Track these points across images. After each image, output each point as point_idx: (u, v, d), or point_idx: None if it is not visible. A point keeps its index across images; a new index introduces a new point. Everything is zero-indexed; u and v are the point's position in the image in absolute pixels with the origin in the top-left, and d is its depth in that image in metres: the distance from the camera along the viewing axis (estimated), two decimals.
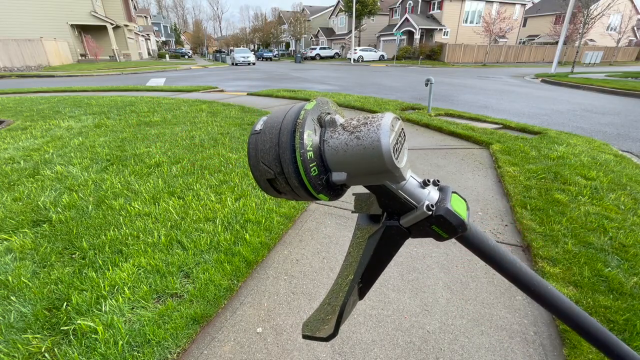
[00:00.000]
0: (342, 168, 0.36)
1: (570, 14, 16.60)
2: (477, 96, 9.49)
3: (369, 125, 0.35)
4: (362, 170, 0.35)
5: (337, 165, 0.36)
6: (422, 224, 0.39)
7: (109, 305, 1.57)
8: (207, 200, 2.58)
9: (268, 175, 0.38)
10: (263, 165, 0.38)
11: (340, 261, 1.98)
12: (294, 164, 0.35)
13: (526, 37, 42.02)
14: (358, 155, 0.34)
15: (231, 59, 31.12)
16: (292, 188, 0.37)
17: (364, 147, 0.34)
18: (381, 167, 0.34)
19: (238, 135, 4.42)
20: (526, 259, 2.01)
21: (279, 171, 0.37)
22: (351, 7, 32.49)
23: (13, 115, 5.89)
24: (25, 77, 16.14)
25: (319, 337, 0.42)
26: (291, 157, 0.35)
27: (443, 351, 1.41)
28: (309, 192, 0.37)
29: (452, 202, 0.39)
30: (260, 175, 0.39)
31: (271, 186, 0.39)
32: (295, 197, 0.39)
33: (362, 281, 0.42)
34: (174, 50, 61.03)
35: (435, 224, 0.38)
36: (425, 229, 0.39)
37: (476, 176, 3.25)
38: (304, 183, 0.36)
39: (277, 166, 0.37)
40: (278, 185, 0.38)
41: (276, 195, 0.41)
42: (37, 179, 3.00)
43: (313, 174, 0.35)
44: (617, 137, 5.27)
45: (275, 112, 0.39)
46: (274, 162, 0.37)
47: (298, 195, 0.38)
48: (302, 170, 0.35)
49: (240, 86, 11.69)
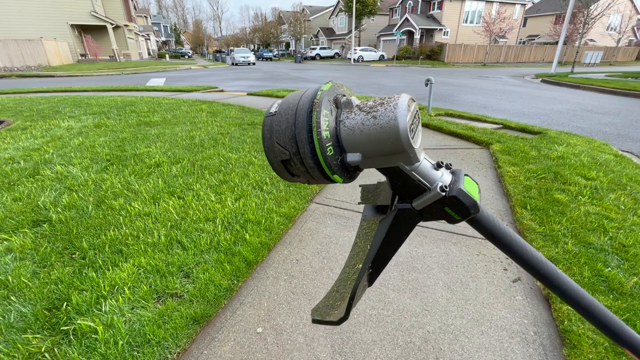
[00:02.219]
0: (358, 149, 0.36)
1: (570, 14, 16.60)
2: (477, 96, 9.49)
3: (385, 105, 0.35)
4: (377, 150, 0.35)
5: (352, 146, 0.36)
6: (434, 206, 0.39)
7: (109, 305, 1.57)
8: (207, 200, 2.58)
9: (283, 156, 0.38)
10: (278, 146, 0.38)
11: (341, 261, 1.98)
12: (310, 144, 0.35)
13: (526, 37, 42.02)
14: (374, 134, 0.34)
15: (231, 59, 31.13)
16: (307, 169, 0.37)
17: (380, 127, 0.34)
18: (397, 147, 0.34)
19: (238, 135, 4.42)
20: None
21: (295, 151, 0.37)
22: (351, 7, 32.48)
23: (13, 115, 5.89)
24: (25, 77, 16.14)
25: (330, 321, 0.42)
26: (308, 136, 0.35)
27: (443, 351, 1.41)
28: (324, 172, 0.37)
29: (464, 184, 0.39)
30: (274, 157, 0.39)
31: (285, 168, 0.40)
32: (309, 178, 0.39)
33: (372, 266, 0.42)
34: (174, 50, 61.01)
35: (448, 206, 0.38)
36: (437, 211, 0.39)
37: (476, 176, 3.25)
38: (319, 163, 0.36)
39: (293, 146, 0.37)
40: (292, 166, 0.39)
41: (289, 178, 0.41)
42: (37, 179, 3.00)
43: (329, 154, 0.36)
44: (617, 137, 5.27)
45: (290, 95, 0.40)
46: (290, 142, 0.37)
47: (312, 177, 0.39)
48: (318, 150, 0.35)
49: (240, 86, 11.69)
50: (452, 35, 35.55)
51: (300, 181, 0.41)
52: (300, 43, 54.23)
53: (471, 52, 32.20)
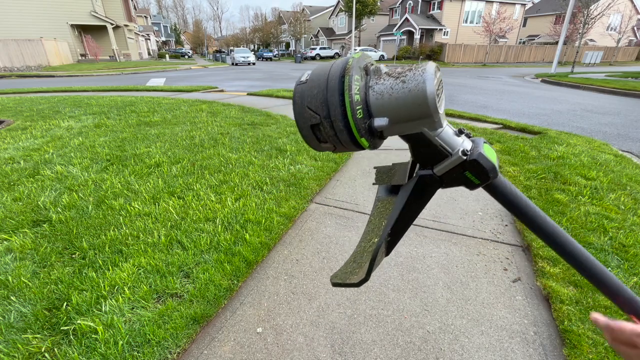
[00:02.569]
0: (385, 113, 0.37)
1: (570, 14, 16.59)
2: (477, 96, 9.49)
3: (414, 70, 0.37)
4: (404, 115, 0.37)
5: (380, 110, 0.37)
6: (455, 171, 0.40)
7: (109, 305, 1.57)
8: (207, 200, 2.58)
9: (313, 120, 0.39)
10: (309, 111, 0.39)
11: (341, 261, 1.98)
12: (341, 106, 0.37)
13: (526, 37, 42.01)
14: (402, 98, 0.36)
15: (231, 59, 31.11)
16: (336, 132, 0.39)
17: (409, 90, 0.36)
18: (423, 111, 0.36)
19: (238, 135, 4.42)
20: (526, 258, 2.01)
21: (325, 114, 0.38)
22: (351, 7, 32.47)
23: (13, 115, 5.89)
24: (25, 77, 16.14)
25: (351, 283, 0.43)
26: (339, 99, 0.37)
27: (443, 351, 1.41)
28: (352, 135, 0.38)
29: (484, 149, 0.40)
30: (304, 122, 0.40)
31: (314, 134, 0.41)
32: (337, 143, 0.40)
33: (391, 234, 0.43)
34: (174, 50, 61.00)
35: (468, 169, 0.39)
36: (457, 176, 0.40)
37: None
38: (349, 125, 0.38)
39: (324, 109, 0.38)
40: (321, 131, 0.40)
41: (317, 145, 0.43)
42: (37, 179, 3.00)
43: (359, 117, 0.37)
44: (617, 137, 5.27)
45: (320, 65, 0.41)
46: (321, 105, 0.38)
47: (339, 142, 0.40)
48: (349, 112, 0.37)
49: (240, 86, 11.69)
50: (452, 35, 35.54)
51: (326, 148, 0.42)
52: (300, 43, 54.22)
53: (471, 52, 32.19)
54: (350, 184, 3.06)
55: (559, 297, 1.62)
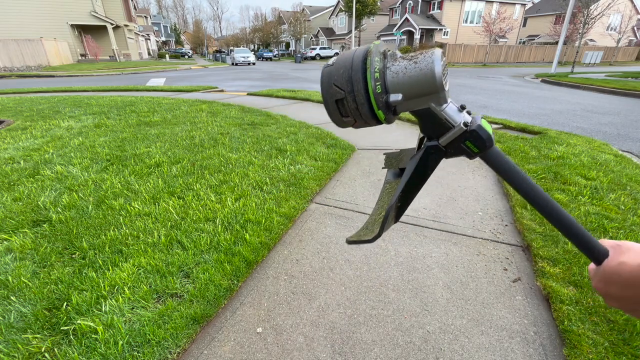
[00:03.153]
0: (399, 90, 0.44)
1: (570, 14, 16.59)
2: (477, 96, 9.49)
3: (424, 54, 0.44)
4: (415, 91, 0.44)
5: (395, 87, 0.44)
6: (457, 141, 0.46)
7: (109, 305, 1.57)
8: (207, 200, 2.58)
9: (338, 95, 0.47)
10: (335, 87, 0.47)
11: (341, 261, 1.98)
12: (364, 81, 0.44)
13: (526, 37, 42.02)
14: (414, 77, 0.43)
15: (231, 59, 31.11)
16: (358, 105, 0.46)
17: (420, 69, 0.43)
18: (431, 88, 0.43)
19: (238, 135, 4.42)
20: (526, 258, 2.01)
21: (349, 90, 0.45)
22: (351, 7, 32.48)
23: (13, 115, 5.89)
24: (25, 77, 16.14)
25: (365, 240, 0.50)
26: (362, 76, 0.44)
27: (443, 351, 1.41)
28: (371, 107, 0.45)
29: (482, 122, 0.46)
30: (330, 97, 0.47)
31: (337, 109, 0.48)
32: (357, 116, 0.47)
33: (400, 200, 0.49)
34: (174, 50, 60.98)
35: (469, 139, 0.46)
36: (459, 146, 0.47)
37: (476, 176, 3.25)
38: (369, 98, 0.45)
39: (349, 85, 0.45)
40: (345, 105, 0.47)
41: (339, 119, 0.49)
42: (37, 179, 3.00)
43: (378, 91, 0.44)
44: (617, 137, 5.27)
45: (344, 52, 0.49)
46: (346, 82, 0.45)
47: (360, 115, 0.47)
48: (370, 87, 0.44)
49: (240, 86, 11.69)
50: (452, 35, 35.56)
51: (347, 122, 0.49)
52: (300, 43, 54.22)
53: (471, 52, 32.19)
54: (350, 184, 3.06)
55: (559, 297, 1.62)
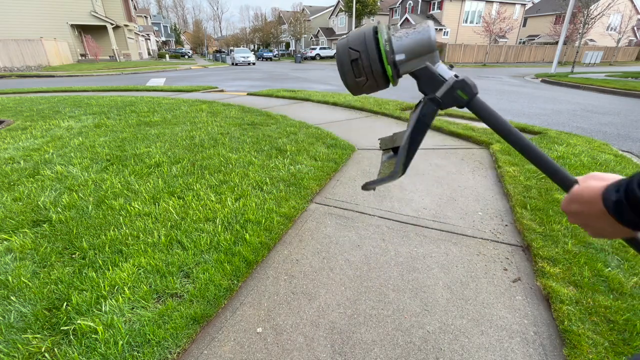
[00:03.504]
0: (402, 50, 0.56)
1: (570, 14, 16.59)
2: None
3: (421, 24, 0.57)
4: (415, 51, 0.56)
5: (399, 48, 0.56)
6: (451, 91, 0.56)
7: (109, 305, 1.57)
8: (207, 200, 2.58)
9: (354, 56, 0.58)
10: (351, 50, 0.58)
11: (341, 261, 1.98)
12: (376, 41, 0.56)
13: (526, 37, 42.01)
14: (414, 39, 0.56)
15: (231, 59, 31.09)
16: (371, 62, 0.57)
17: (418, 32, 0.56)
18: (429, 47, 0.56)
19: (238, 135, 4.42)
20: (526, 258, 2.01)
21: (364, 49, 0.57)
22: (351, 7, 32.48)
23: (13, 115, 5.89)
24: (25, 77, 16.14)
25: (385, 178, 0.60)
26: (374, 37, 0.57)
27: (443, 351, 1.41)
28: (382, 63, 0.57)
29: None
30: (347, 57, 0.58)
31: (352, 69, 0.59)
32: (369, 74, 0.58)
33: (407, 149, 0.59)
34: (174, 50, 60.96)
35: (459, 88, 0.56)
36: (452, 95, 0.56)
37: (476, 176, 3.25)
38: (380, 55, 0.56)
39: (363, 46, 0.57)
40: (359, 64, 0.58)
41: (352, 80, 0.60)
42: (37, 179, 3.00)
43: (387, 49, 0.56)
44: (617, 137, 5.27)
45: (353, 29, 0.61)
46: (361, 44, 0.57)
47: (372, 72, 0.58)
48: (381, 45, 0.56)
49: (240, 86, 11.69)
50: (452, 35, 35.56)
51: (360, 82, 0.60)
52: (300, 43, 54.22)
53: (471, 52, 32.18)
54: (350, 184, 3.06)
55: (559, 297, 1.62)
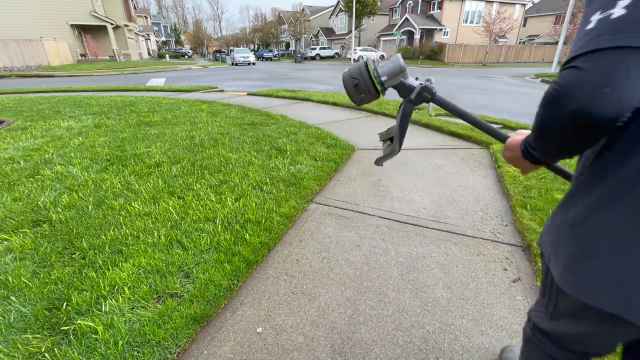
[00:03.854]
0: (385, 74, 0.91)
1: (570, 14, 16.58)
2: (477, 96, 9.49)
3: (393, 56, 0.93)
4: (392, 73, 0.91)
5: (382, 72, 0.91)
6: (419, 94, 0.93)
7: (109, 305, 1.57)
8: (207, 200, 2.58)
9: (355, 82, 0.92)
10: (352, 78, 0.93)
11: (341, 261, 1.98)
12: (367, 72, 0.92)
13: (526, 37, 42.00)
14: (391, 66, 0.92)
15: (231, 59, 31.07)
16: (366, 84, 0.92)
17: (393, 62, 0.92)
18: (400, 70, 0.92)
19: (238, 135, 4.42)
20: (526, 258, 2.01)
21: (360, 77, 0.92)
22: (351, 7, 32.45)
23: (13, 115, 5.89)
24: (25, 77, 16.14)
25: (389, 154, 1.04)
26: (366, 69, 0.92)
27: (443, 351, 1.41)
28: (374, 84, 0.91)
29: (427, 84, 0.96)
30: (350, 84, 0.93)
31: (355, 90, 0.94)
32: (366, 91, 0.93)
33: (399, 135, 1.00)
34: (174, 50, 60.93)
35: (424, 91, 0.93)
36: (420, 96, 0.94)
37: (476, 176, 3.25)
38: (372, 79, 0.91)
39: (360, 75, 0.92)
40: (359, 86, 0.92)
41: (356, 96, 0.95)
42: (37, 179, 3.00)
43: (374, 75, 0.91)
44: None
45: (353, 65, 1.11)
46: (358, 74, 0.92)
47: (368, 90, 0.92)
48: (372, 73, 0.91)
49: (240, 86, 11.69)
50: (452, 35, 35.53)
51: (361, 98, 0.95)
52: (300, 43, 54.21)
53: (471, 52, 32.16)
54: (350, 184, 3.06)
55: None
